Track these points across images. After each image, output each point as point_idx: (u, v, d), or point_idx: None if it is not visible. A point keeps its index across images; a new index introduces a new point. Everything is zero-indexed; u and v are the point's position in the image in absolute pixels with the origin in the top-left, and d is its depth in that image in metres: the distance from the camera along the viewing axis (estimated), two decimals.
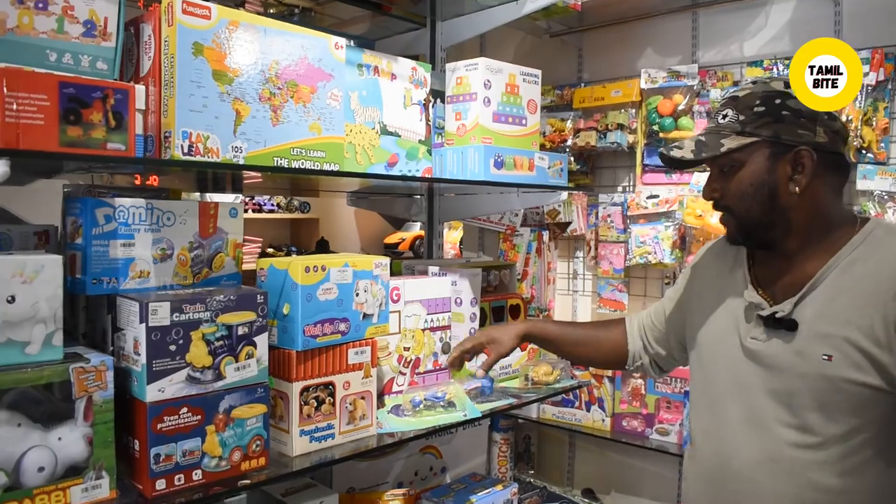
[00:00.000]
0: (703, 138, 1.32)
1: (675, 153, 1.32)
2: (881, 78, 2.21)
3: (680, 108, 2.60)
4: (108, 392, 1.16)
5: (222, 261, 1.43)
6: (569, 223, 2.96)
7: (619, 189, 2.90)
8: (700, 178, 2.56)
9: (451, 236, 3.99)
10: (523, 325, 1.68)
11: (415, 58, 1.76)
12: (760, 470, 1.29)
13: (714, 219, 2.41)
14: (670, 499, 2.70)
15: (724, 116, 1.31)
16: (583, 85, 2.94)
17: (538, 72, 1.88)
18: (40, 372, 1.08)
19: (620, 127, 2.74)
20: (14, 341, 1.08)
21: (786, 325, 1.27)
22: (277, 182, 3.76)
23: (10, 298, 1.07)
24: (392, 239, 3.68)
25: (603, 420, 2.69)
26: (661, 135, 2.64)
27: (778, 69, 2.40)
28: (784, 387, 1.27)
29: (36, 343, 1.10)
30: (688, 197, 2.58)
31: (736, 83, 2.54)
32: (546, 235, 3.00)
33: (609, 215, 2.83)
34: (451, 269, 1.88)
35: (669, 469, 2.67)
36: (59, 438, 1.12)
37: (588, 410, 2.72)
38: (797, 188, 1.26)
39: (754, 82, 1.33)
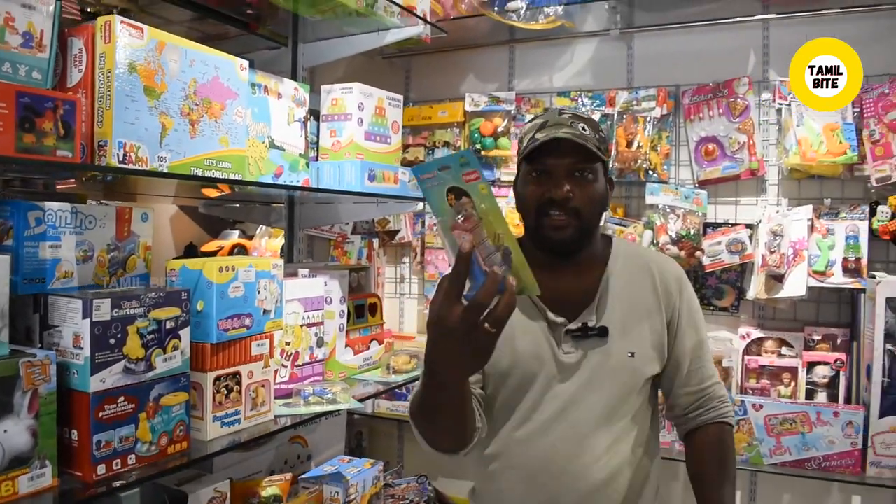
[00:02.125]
0: (578, 136, 1.41)
1: (562, 132, 1.39)
2: (665, 112, 2.77)
3: (499, 129, 3.01)
4: (51, 385, 1.23)
5: (134, 262, 1.52)
6: (397, 231, 3.25)
7: None
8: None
9: (272, 244, 4.06)
10: None
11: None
12: (599, 471, 1.43)
13: None
14: None
15: (584, 129, 1.43)
16: (411, 104, 3.24)
17: (400, 97, 2.15)
18: None
19: (447, 144, 3.08)
20: None
21: (598, 333, 1.45)
22: (92, 185, 3.61)
23: None
24: (210, 247, 3.67)
25: None
26: (482, 153, 3.02)
27: (582, 100, 2.88)
28: (601, 388, 1.44)
29: None
30: (506, 208, 2.98)
31: (546, 110, 3.00)
32: (376, 243, 3.25)
33: (435, 224, 3.16)
34: (321, 270, 2.07)
35: None
36: (5, 431, 1.17)
37: None
38: (609, 205, 1.55)
39: (574, 109, 1.56)
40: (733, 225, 2.74)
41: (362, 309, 2.22)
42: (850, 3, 2.53)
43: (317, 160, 2.02)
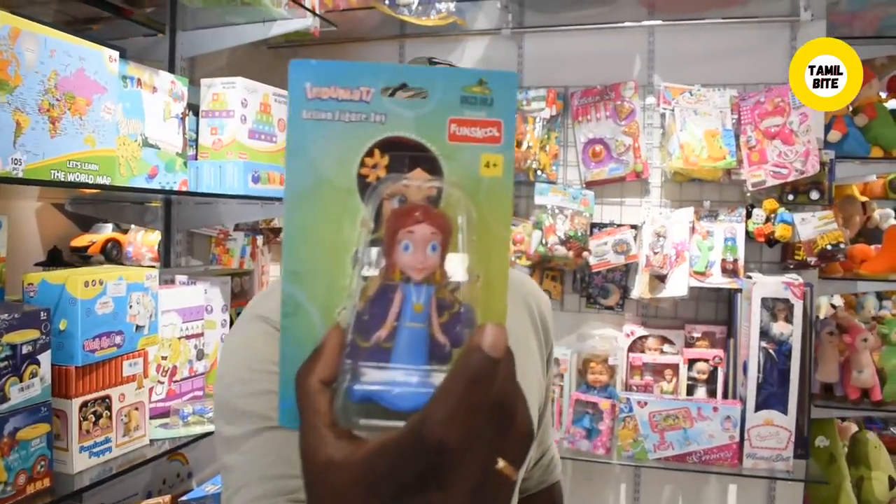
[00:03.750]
0: None
1: None
2: (553, 113, 2.78)
3: None
4: None
5: None
6: (282, 228, 3.11)
7: None
8: None
9: (148, 239, 3.83)
10: None
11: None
12: None
13: None
14: None
15: None
16: None
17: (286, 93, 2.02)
18: None
19: None
20: None
21: None
22: None
23: None
24: (80, 242, 3.41)
25: None
26: None
27: None
28: None
29: None
30: None
31: None
32: (260, 240, 3.10)
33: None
34: (201, 277, 1.93)
35: None
36: None
37: None
38: None
39: (413, 60, 1.21)
40: (619, 226, 2.81)
41: None
42: (729, 14, 2.64)
43: (196, 159, 1.88)
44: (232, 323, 2.00)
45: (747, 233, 2.65)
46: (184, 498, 1.88)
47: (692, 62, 2.76)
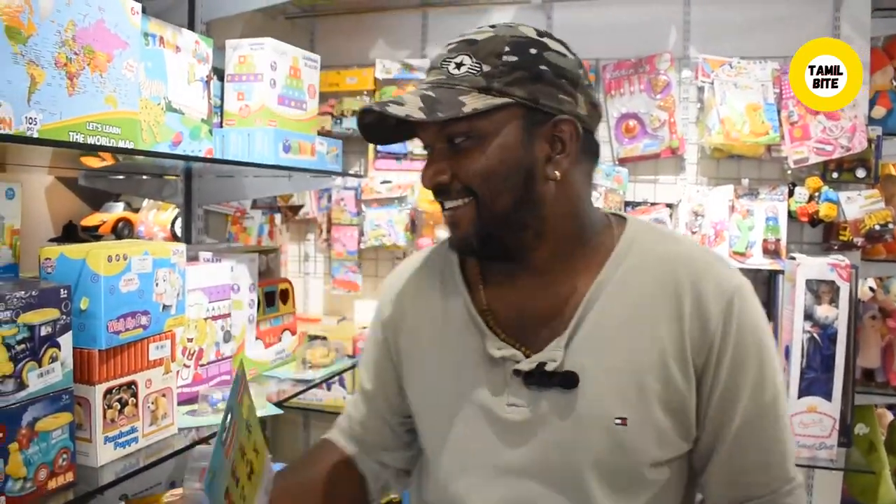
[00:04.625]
0: (431, 93, 0.92)
1: (394, 109, 0.90)
2: None
3: None
4: None
5: None
6: (301, 206, 2.99)
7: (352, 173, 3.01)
8: None
9: (160, 218, 3.71)
10: None
11: None
12: None
13: None
14: None
15: (459, 66, 0.93)
16: None
17: (317, 57, 1.90)
18: None
19: (356, 113, 2.84)
20: None
21: (561, 382, 0.92)
22: None
23: None
24: (91, 221, 3.29)
25: (345, 397, 2.79)
26: None
27: None
28: (562, 470, 0.94)
29: None
30: (419, 183, 2.78)
31: None
32: (278, 218, 2.98)
33: (342, 199, 2.92)
34: (226, 254, 1.80)
35: None
36: None
37: (329, 390, 2.79)
38: (557, 172, 0.94)
39: (493, 26, 0.98)
40: (653, 204, 2.69)
41: (273, 296, 1.97)
42: None
43: (221, 127, 1.74)
44: (260, 304, 1.87)
45: (789, 212, 2.53)
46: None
47: (730, 33, 2.63)
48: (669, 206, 2.66)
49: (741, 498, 0.97)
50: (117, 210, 3.54)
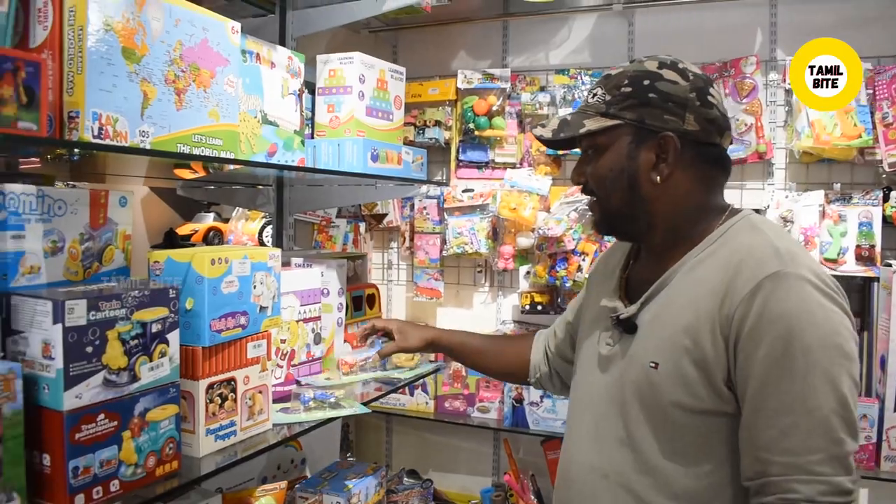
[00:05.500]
0: (568, 117, 1.24)
1: (538, 131, 1.27)
2: None
3: (494, 108, 2.83)
4: (17, 403, 1.03)
5: (112, 254, 1.31)
6: (385, 215, 3.06)
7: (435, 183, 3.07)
8: (513, 173, 2.80)
9: (249, 227, 3.86)
10: (433, 331, 1.68)
11: None
12: (592, 484, 1.22)
13: (527, 211, 2.67)
14: (485, 472, 2.93)
15: (594, 95, 1.22)
16: None
17: (403, 69, 1.96)
18: None
19: (438, 123, 2.90)
20: None
21: (625, 328, 1.21)
22: (57, 165, 3.35)
23: None
24: (183, 230, 3.46)
25: (427, 403, 2.84)
26: (475, 133, 2.85)
27: (582, 78, 2.72)
28: (619, 396, 1.20)
29: None
30: (501, 191, 2.81)
31: (542, 88, 2.83)
32: (363, 227, 3.06)
33: (425, 208, 2.98)
34: (316, 260, 1.88)
35: (486, 444, 2.90)
36: None
37: (412, 395, 2.85)
38: (658, 177, 1.17)
39: (632, 61, 1.24)
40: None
41: (360, 301, 2.04)
42: None
43: (312, 138, 1.82)
44: (347, 308, 1.94)
45: (884, 217, 2.42)
46: (300, 483, 1.84)
47: (818, 34, 2.53)
48: (757, 211, 2.59)
49: (756, 474, 1.07)
50: (208, 220, 3.70)
